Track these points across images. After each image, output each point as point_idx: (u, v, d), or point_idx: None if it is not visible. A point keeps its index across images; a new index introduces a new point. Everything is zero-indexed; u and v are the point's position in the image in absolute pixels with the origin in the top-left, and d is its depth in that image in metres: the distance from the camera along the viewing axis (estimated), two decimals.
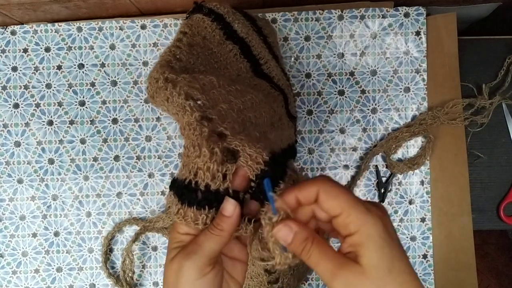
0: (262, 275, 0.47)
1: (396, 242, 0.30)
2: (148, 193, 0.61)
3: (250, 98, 0.42)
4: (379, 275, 0.29)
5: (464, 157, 0.60)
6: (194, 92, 0.36)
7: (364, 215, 0.30)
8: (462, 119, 0.60)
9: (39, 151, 0.61)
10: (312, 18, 0.61)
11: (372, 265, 0.29)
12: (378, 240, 0.29)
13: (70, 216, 0.61)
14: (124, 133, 0.61)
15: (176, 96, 0.35)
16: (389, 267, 0.29)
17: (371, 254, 0.29)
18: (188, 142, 0.35)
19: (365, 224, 0.29)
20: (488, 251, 1.31)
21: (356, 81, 0.61)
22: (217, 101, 0.37)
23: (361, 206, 0.30)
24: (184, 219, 0.34)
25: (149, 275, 0.61)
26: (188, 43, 0.46)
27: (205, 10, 0.49)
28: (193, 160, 0.34)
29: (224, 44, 0.49)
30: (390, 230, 0.30)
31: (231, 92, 0.40)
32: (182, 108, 0.35)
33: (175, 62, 0.41)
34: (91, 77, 0.61)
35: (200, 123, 0.34)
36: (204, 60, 0.46)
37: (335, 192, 0.31)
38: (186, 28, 0.47)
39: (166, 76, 0.37)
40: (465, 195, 0.60)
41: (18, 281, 0.61)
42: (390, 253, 0.29)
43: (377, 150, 0.60)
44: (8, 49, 0.61)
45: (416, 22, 0.60)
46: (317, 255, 0.31)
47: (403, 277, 0.29)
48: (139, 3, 0.59)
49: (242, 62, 0.50)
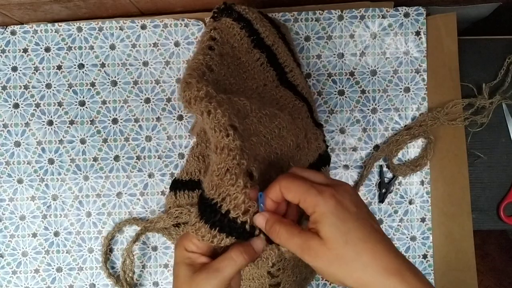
0: (265, 277, 0.47)
1: (354, 215, 0.34)
2: (148, 193, 0.61)
3: (277, 123, 0.44)
4: (337, 245, 0.33)
5: (464, 157, 0.60)
6: (235, 119, 0.38)
7: (315, 197, 0.34)
8: (462, 119, 0.60)
9: (39, 151, 0.61)
10: (312, 18, 0.61)
11: (330, 238, 0.33)
12: (330, 216, 0.34)
13: (70, 216, 0.61)
14: (124, 133, 0.61)
15: (220, 115, 0.37)
16: (344, 239, 0.33)
17: (326, 229, 0.34)
18: (223, 165, 0.36)
19: (318, 205, 0.34)
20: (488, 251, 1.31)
21: (356, 81, 0.61)
22: (249, 132, 0.40)
23: (312, 190, 0.35)
24: (196, 232, 0.37)
25: (149, 275, 0.61)
26: (219, 52, 0.47)
27: (234, 15, 0.49)
28: (227, 187, 0.36)
29: (251, 52, 0.50)
30: (346, 206, 0.34)
31: (261, 120, 0.43)
32: (224, 129, 0.37)
33: (208, 74, 0.43)
34: (91, 77, 0.61)
35: (241, 153, 0.36)
36: (234, 71, 0.48)
37: (290, 186, 0.36)
38: (216, 33, 0.48)
39: (208, 90, 0.38)
40: (465, 195, 0.60)
41: (18, 281, 0.61)
42: (343, 226, 0.33)
43: (378, 154, 0.60)
44: (8, 49, 0.61)
45: (416, 22, 0.60)
46: (284, 234, 0.36)
47: (360, 245, 0.33)
48: (139, 3, 0.59)
49: (268, 71, 0.51)
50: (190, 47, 0.61)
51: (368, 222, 0.34)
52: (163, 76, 0.61)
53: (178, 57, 0.61)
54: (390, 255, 0.33)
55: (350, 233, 0.33)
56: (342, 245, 0.33)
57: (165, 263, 0.61)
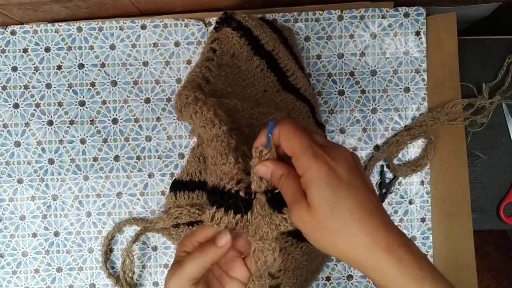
0: (265, 278, 0.47)
1: (346, 184, 0.32)
2: (148, 193, 0.61)
3: (272, 119, 0.45)
4: (322, 215, 0.31)
5: (464, 157, 0.60)
6: (222, 114, 0.40)
7: (308, 161, 0.32)
8: (462, 119, 0.60)
9: (39, 151, 0.61)
10: (312, 18, 0.61)
11: (316, 206, 0.32)
12: (320, 184, 0.31)
13: (70, 216, 0.61)
14: (124, 133, 0.61)
15: (206, 111, 0.39)
16: (331, 208, 0.31)
17: (314, 196, 0.32)
18: (215, 152, 0.38)
19: (309, 169, 0.32)
20: (488, 251, 1.31)
21: (356, 81, 0.61)
22: (239, 124, 0.42)
23: (309, 151, 0.32)
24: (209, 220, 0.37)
25: (149, 275, 0.61)
26: (218, 63, 0.49)
27: (233, 24, 0.51)
28: (220, 168, 0.37)
29: (251, 60, 0.52)
30: (339, 173, 0.32)
31: (253, 116, 0.44)
32: (211, 122, 0.39)
33: (204, 85, 0.45)
34: (91, 77, 0.61)
35: (229, 135, 0.38)
36: (232, 80, 0.50)
37: (289, 135, 0.34)
38: (216, 44, 0.50)
39: (196, 95, 0.41)
40: (465, 195, 0.60)
41: (18, 281, 0.61)
42: (332, 195, 0.31)
43: (379, 155, 0.60)
44: (8, 49, 0.61)
45: (416, 22, 0.60)
46: (284, 188, 0.34)
47: (347, 216, 0.31)
48: (139, 3, 0.59)
49: (269, 76, 0.52)
50: (190, 47, 0.61)
51: (361, 192, 0.32)
52: (163, 76, 0.61)
53: (178, 57, 0.61)
54: (381, 228, 0.31)
55: (339, 203, 0.31)
56: (328, 215, 0.31)
57: (165, 263, 0.61)
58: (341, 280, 0.60)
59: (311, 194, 0.32)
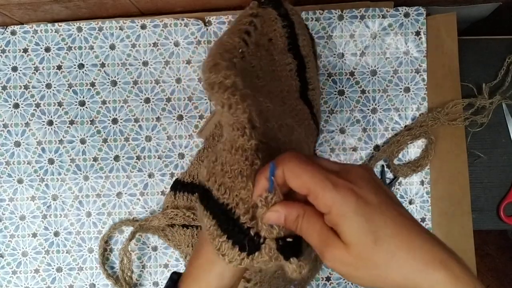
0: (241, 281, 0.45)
1: (378, 208, 0.29)
2: (148, 193, 0.61)
3: (295, 138, 0.41)
4: (364, 250, 0.28)
5: (464, 157, 0.60)
6: (256, 119, 0.34)
7: (331, 193, 0.28)
8: (462, 119, 0.60)
9: (39, 151, 0.61)
10: (312, 18, 0.61)
11: (354, 243, 0.28)
12: (352, 216, 0.28)
13: (70, 216, 0.61)
14: (124, 133, 0.61)
15: (241, 111, 0.33)
16: (373, 239, 0.28)
17: (349, 232, 0.28)
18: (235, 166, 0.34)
19: (334, 203, 0.28)
20: (488, 251, 1.31)
21: (356, 81, 0.61)
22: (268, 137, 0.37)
23: (327, 183, 0.29)
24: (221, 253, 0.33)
25: (149, 275, 0.61)
26: (256, 41, 0.43)
27: (282, 11, 0.46)
28: (238, 189, 0.33)
29: (285, 54, 0.47)
30: (367, 198, 0.29)
31: (281, 128, 0.40)
32: (242, 127, 0.33)
33: (238, 60, 0.38)
34: (91, 77, 0.61)
35: (255, 153, 0.33)
36: (264, 66, 0.44)
37: (297, 171, 0.30)
38: (258, 21, 0.43)
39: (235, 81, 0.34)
40: (465, 195, 0.60)
41: (18, 281, 0.61)
42: (371, 225, 0.28)
43: (379, 155, 0.60)
44: (8, 49, 0.61)
45: (416, 22, 0.60)
46: (305, 231, 0.30)
47: (391, 243, 0.28)
48: (139, 3, 0.59)
49: (294, 80, 0.48)
50: (190, 47, 0.61)
51: (394, 211, 0.29)
52: (163, 76, 0.61)
53: (178, 57, 0.61)
54: (427, 244, 0.28)
55: (378, 231, 0.28)
56: (371, 248, 0.28)
57: (165, 263, 0.61)
58: (341, 280, 0.60)
59: (345, 231, 0.28)
